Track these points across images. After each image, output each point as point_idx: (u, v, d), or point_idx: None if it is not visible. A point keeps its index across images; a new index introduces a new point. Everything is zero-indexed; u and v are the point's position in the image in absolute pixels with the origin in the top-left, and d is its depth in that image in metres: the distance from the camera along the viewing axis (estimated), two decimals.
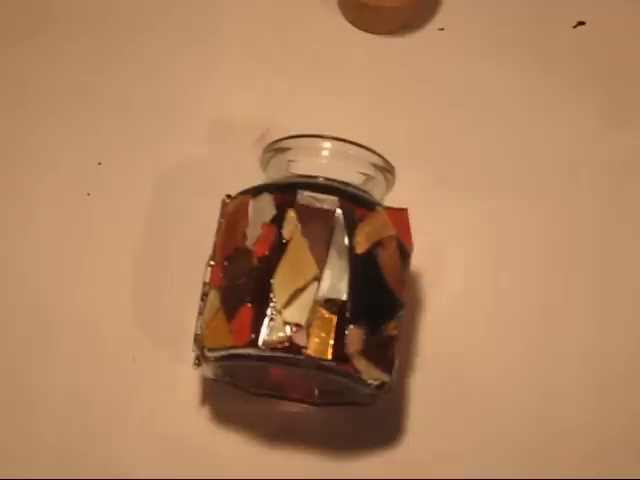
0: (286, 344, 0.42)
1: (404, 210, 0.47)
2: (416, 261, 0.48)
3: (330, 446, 0.50)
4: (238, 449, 0.50)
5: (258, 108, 0.58)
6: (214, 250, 0.47)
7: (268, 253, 0.44)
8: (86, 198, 0.55)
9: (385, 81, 0.59)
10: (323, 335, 0.42)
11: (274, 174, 0.49)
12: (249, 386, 0.50)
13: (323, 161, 0.47)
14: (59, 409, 0.51)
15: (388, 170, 0.48)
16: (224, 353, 0.44)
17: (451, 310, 0.53)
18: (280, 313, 0.42)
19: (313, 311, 0.42)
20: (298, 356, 0.42)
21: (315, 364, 0.42)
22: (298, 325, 0.42)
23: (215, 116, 0.57)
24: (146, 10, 0.60)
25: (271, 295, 0.43)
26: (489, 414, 0.51)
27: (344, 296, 0.43)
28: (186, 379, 0.51)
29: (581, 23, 0.61)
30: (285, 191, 0.45)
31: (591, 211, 0.56)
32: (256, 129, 0.57)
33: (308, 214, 0.44)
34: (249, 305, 0.43)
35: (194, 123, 0.57)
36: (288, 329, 0.42)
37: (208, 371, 0.47)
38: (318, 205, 0.44)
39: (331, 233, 0.44)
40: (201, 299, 0.47)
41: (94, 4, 0.60)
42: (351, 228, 0.44)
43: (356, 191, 0.46)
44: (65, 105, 0.57)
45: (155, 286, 0.53)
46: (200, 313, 0.46)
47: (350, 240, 0.44)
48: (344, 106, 0.58)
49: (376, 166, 0.48)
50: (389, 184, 0.49)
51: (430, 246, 0.51)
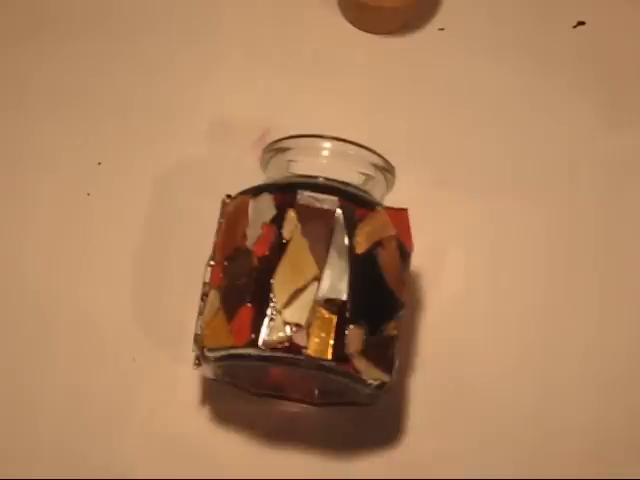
0: (286, 344, 0.42)
1: (404, 210, 0.47)
2: (416, 261, 0.48)
3: (330, 446, 0.50)
4: (238, 449, 0.50)
5: (258, 108, 0.58)
6: (214, 250, 0.47)
7: (268, 253, 0.44)
8: (86, 198, 0.55)
9: (385, 81, 0.59)
10: (323, 335, 0.42)
11: (274, 174, 0.49)
12: (249, 386, 0.50)
13: (323, 161, 0.47)
14: (59, 409, 0.51)
15: (388, 170, 0.48)
16: (224, 353, 0.44)
17: (451, 310, 0.53)
18: (280, 313, 0.42)
19: (313, 311, 0.42)
20: (298, 356, 0.42)
21: (315, 364, 0.42)
22: (298, 325, 0.42)
23: (215, 116, 0.57)
24: (146, 10, 0.60)
25: (271, 295, 0.43)
26: (489, 414, 0.51)
27: (344, 296, 0.43)
28: (186, 379, 0.51)
29: (581, 23, 0.61)
30: (285, 191, 0.45)
31: (591, 211, 0.56)
32: (256, 129, 0.57)
33: (308, 214, 0.44)
34: (249, 305, 0.43)
35: (194, 123, 0.57)
36: (288, 329, 0.42)
37: (208, 371, 0.47)
38: (318, 205, 0.44)
39: (331, 233, 0.44)
40: (201, 299, 0.47)
41: (94, 4, 0.60)
42: (351, 228, 0.44)
43: (356, 191, 0.46)
44: (65, 105, 0.57)
45: (155, 286, 0.53)
46: (200, 313, 0.46)
47: (350, 240, 0.44)
48: (344, 106, 0.58)
49: (376, 166, 0.48)
50: (389, 184, 0.49)
51: (430, 246, 0.51)
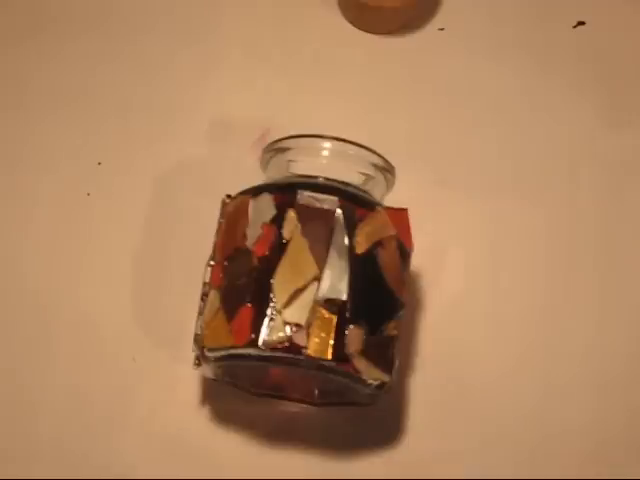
0: (286, 344, 0.42)
1: (404, 210, 0.47)
2: (416, 261, 0.48)
3: (330, 446, 0.50)
4: (238, 449, 0.50)
5: (258, 108, 0.58)
6: (214, 250, 0.47)
7: (268, 253, 0.44)
8: (86, 198, 0.55)
9: (385, 81, 0.59)
10: (323, 335, 0.42)
11: (274, 174, 0.49)
12: (249, 386, 0.50)
13: (323, 161, 0.47)
14: (59, 409, 0.51)
15: (388, 170, 0.48)
16: (224, 353, 0.44)
17: (451, 310, 0.53)
18: (280, 313, 0.42)
19: (313, 311, 0.42)
20: (298, 356, 0.42)
21: (315, 364, 0.42)
22: (298, 325, 0.42)
23: (215, 116, 0.57)
24: (146, 10, 0.60)
25: (271, 295, 0.43)
26: (489, 414, 0.51)
27: (344, 296, 0.43)
28: (186, 379, 0.51)
29: (581, 23, 0.61)
30: (285, 191, 0.45)
31: (591, 211, 0.56)
32: (256, 129, 0.57)
33: (308, 214, 0.44)
34: (249, 305, 0.43)
35: (194, 123, 0.57)
36: (288, 329, 0.42)
37: (208, 371, 0.47)
38: (318, 205, 0.44)
39: (331, 233, 0.44)
40: (201, 299, 0.47)
41: (94, 4, 0.60)
42: (351, 228, 0.44)
43: (356, 191, 0.46)
44: (65, 105, 0.57)
45: (155, 286, 0.53)
46: (200, 313, 0.46)
47: (350, 240, 0.44)
48: (344, 106, 0.58)
49: (376, 166, 0.48)
50: (389, 184, 0.49)
51: (430, 246, 0.51)
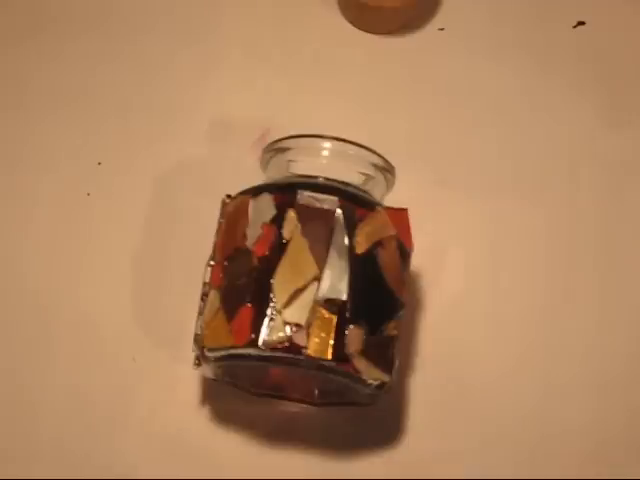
0: (286, 344, 0.42)
1: (404, 210, 0.47)
2: (416, 261, 0.48)
3: (330, 446, 0.50)
4: (238, 449, 0.50)
5: (258, 108, 0.58)
6: (214, 250, 0.47)
7: (268, 253, 0.44)
8: (86, 198, 0.55)
9: (385, 81, 0.59)
10: (323, 335, 0.42)
11: (274, 174, 0.49)
12: (249, 386, 0.50)
13: (323, 161, 0.47)
14: (59, 409, 0.51)
15: (388, 170, 0.48)
16: (224, 353, 0.44)
17: (451, 310, 0.53)
18: (280, 313, 0.42)
19: (313, 311, 0.42)
20: (298, 356, 0.42)
21: (315, 364, 0.42)
22: (298, 325, 0.42)
23: (215, 116, 0.57)
24: (146, 10, 0.60)
25: (271, 295, 0.43)
26: (489, 414, 0.51)
27: (344, 296, 0.43)
28: (186, 379, 0.51)
29: (581, 23, 0.61)
30: (285, 191, 0.45)
31: (591, 211, 0.56)
32: (256, 129, 0.57)
33: (308, 214, 0.44)
34: (249, 305, 0.43)
35: (194, 123, 0.57)
36: (288, 329, 0.42)
37: (208, 371, 0.47)
38: (318, 205, 0.44)
39: (331, 233, 0.44)
40: (201, 299, 0.47)
41: (94, 4, 0.60)
42: (351, 228, 0.44)
43: (356, 191, 0.46)
44: (65, 105, 0.57)
45: (155, 286, 0.53)
46: (200, 313, 0.46)
47: (350, 240, 0.44)
48: (344, 106, 0.58)
49: (376, 166, 0.48)
50: (389, 184, 0.49)
51: (430, 246, 0.51)
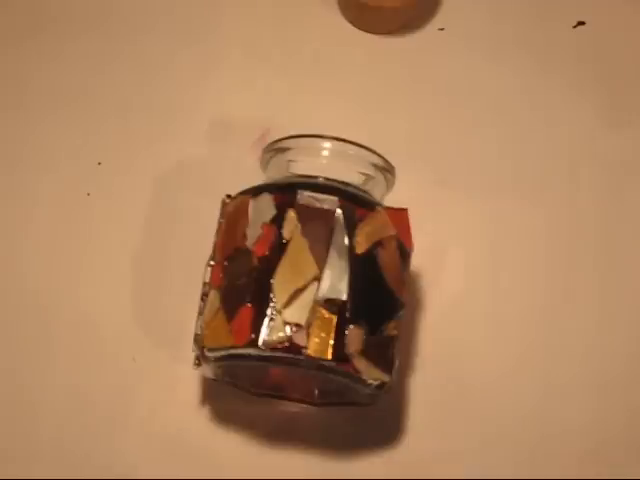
0: (286, 344, 0.42)
1: (404, 210, 0.47)
2: (416, 261, 0.48)
3: (330, 446, 0.50)
4: (238, 449, 0.50)
5: (258, 108, 0.58)
6: (214, 250, 0.47)
7: (268, 253, 0.44)
8: (86, 198, 0.55)
9: (385, 81, 0.59)
10: (323, 335, 0.42)
11: (274, 174, 0.49)
12: (249, 386, 0.50)
13: (323, 161, 0.47)
14: (59, 409, 0.51)
15: (388, 170, 0.48)
16: (224, 353, 0.44)
17: (451, 310, 0.53)
18: (280, 313, 0.42)
19: (313, 311, 0.42)
20: (298, 356, 0.42)
21: (315, 364, 0.42)
22: (298, 325, 0.42)
23: (215, 116, 0.57)
24: (146, 10, 0.60)
25: (271, 295, 0.43)
26: (489, 414, 0.51)
27: (344, 296, 0.43)
28: (186, 379, 0.51)
29: (581, 23, 0.61)
30: (285, 191, 0.45)
31: (591, 211, 0.56)
32: (256, 129, 0.57)
33: (308, 214, 0.44)
34: (249, 305, 0.43)
35: (194, 123, 0.57)
36: (288, 329, 0.42)
37: (208, 371, 0.47)
38: (318, 205, 0.44)
39: (331, 233, 0.44)
40: (201, 299, 0.47)
41: (94, 4, 0.60)
42: (351, 228, 0.44)
43: (356, 191, 0.46)
44: (65, 105, 0.57)
45: (155, 286, 0.53)
46: (200, 313, 0.46)
47: (350, 240, 0.44)
48: (344, 106, 0.58)
49: (376, 166, 0.48)
50: (389, 184, 0.49)
51: (430, 246, 0.51)
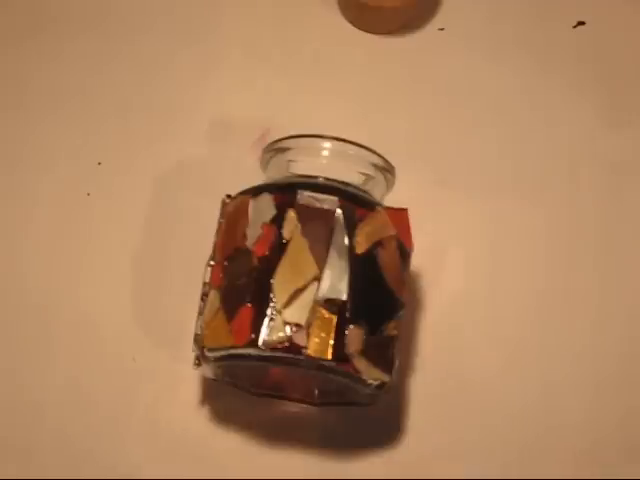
0: (286, 344, 0.42)
1: (404, 210, 0.47)
2: (416, 261, 0.48)
3: (330, 446, 0.50)
4: (238, 449, 0.50)
5: (258, 108, 0.58)
6: (214, 250, 0.47)
7: (268, 253, 0.44)
8: (86, 198, 0.55)
9: (385, 81, 0.59)
10: (323, 335, 0.42)
11: (274, 174, 0.49)
12: (249, 386, 0.50)
13: (323, 161, 0.47)
14: (59, 409, 0.51)
15: (388, 170, 0.48)
16: (224, 353, 0.44)
17: (451, 310, 0.53)
18: (280, 313, 0.42)
19: (313, 311, 0.42)
20: (298, 356, 0.42)
21: (315, 364, 0.42)
22: (298, 325, 0.42)
23: (215, 116, 0.57)
24: (146, 10, 0.60)
25: (271, 295, 0.43)
26: (489, 413, 0.51)
27: (344, 296, 0.43)
28: (186, 379, 0.51)
29: (581, 23, 0.61)
30: (285, 191, 0.45)
31: (591, 211, 0.56)
32: (256, 129, 0.57)
33: (308, 214, 0.44)
34: (249, 305, 0.43)
35: (194, 123, 0.57)
36: (288, 329, 0.42)
37: (208, 371, 0.47)
38: (318, 205, 0.44)
39: (331, 233, 0.44)
40: (201, 299, 0.47)
41: (94, 4, 0.60)
42: (351, 228, 0.44)
43: (356, 191, 0.46)
44: (65, 105, 0.57)
45: (155, 286, 0.53)
46: (200, 313, 0.46)
47: (350, 240, 0.44)
48: (344, 106, 0.58)
49: (376, 166, 0.48)
50: (389, 184, 0.49)
51: (430, 246, 0.51)
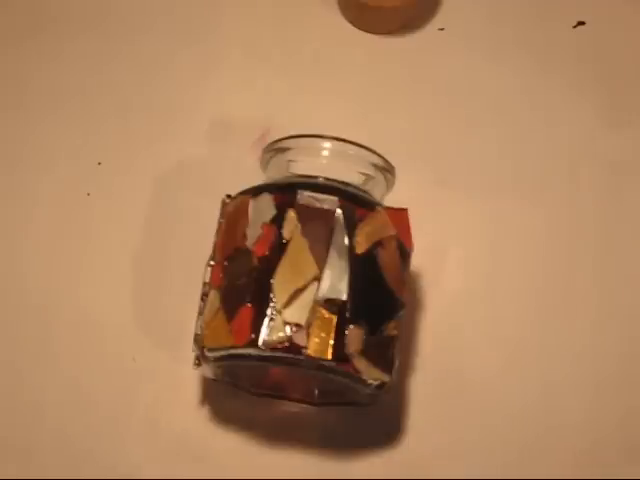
0: (286, 344, 0.42)
1: (404, 210, 0.47)
2: (416, 261, 0.48)
3: (330, 446, 0.50)
4: (238, 449, 0.50)
5: (258, 108, 0.58)
6: (214, 250, 0.47)
7: (268, 253, 0.44)
8: (86, 198, 0.55)
9: (385, 81, 0.59)
10: (323, 335, 0.42)
11: (274, 174, 0.49)
12: (249, 386, 0.50)
13: (323, 161, 0.47)
14: (59, 409, 0.51)
15: (388, 170, 0.48)
16: (224, 353, 0.44)
17: (451, 310, 0.53)
18: (280, 313, 0.42)
19: (313, 311, 0.42)
20: (298, 356, 0.42)
21: (315, 364, 0.42)
22: (298, 325, 0.42)
23: (215, 116, 0.57)
24: (146, 10, 0.60)
25: (271, 295, 0.43)
26: (489, 413, 0.51)
27: (344, 296, 0.43)
28: (186, 379, 0.51)
29: (581, 23, 0.61)
30: (285, 191, 0.45)
31: (591, 211, 0.56)
32: (256, 129, 0.57)
33: (308, 214, 0.44)
34: (249, 305, 0.43)
35: (194, 123, 0.57)
36: (288, 329, 0.42)
37: (208, 371, 0.47)
38: (318, 205, 0.44)
39: (331, 233, 0.44)
40: (201, 299, 0.47)
41: (94, 4, 0.60)
42: (351, 228, 0.44)
43: (356, 191, 0.46)
44: (65, 105, 0.57)
45: (155, 286, 0.53)
46: (200, 313, 0.46)
47: (350, 240, 0.44)
48: (344, 106, 0.58)
49: (376, 166, 0.48)
50: (389, 184, 0.49)
51: (430, 246, 0.51)
